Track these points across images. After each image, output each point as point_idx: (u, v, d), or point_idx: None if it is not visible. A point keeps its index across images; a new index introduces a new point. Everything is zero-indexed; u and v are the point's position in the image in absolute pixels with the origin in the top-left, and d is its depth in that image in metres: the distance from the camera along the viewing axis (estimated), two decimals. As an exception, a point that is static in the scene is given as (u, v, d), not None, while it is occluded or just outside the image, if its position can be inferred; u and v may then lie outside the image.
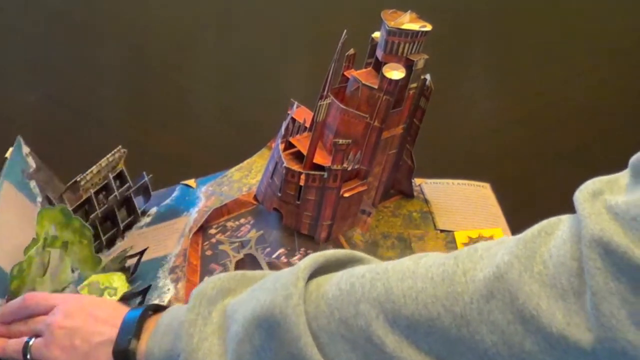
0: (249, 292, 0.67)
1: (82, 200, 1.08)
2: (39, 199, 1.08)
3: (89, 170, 1.08)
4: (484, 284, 0.56)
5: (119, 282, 0.96)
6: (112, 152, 1.11)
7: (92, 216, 1.06)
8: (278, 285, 0.63)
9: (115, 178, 1.09)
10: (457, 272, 0.58)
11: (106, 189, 1.09)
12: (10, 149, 1.08)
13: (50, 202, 1.06)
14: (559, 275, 0.54)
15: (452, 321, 0.57)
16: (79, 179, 1.06)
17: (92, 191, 1.07)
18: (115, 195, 1.09)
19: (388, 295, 0.60)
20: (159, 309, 0.78)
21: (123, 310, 0.78)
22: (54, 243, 0.97)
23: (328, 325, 0.62)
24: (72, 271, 0.98)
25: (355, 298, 0.61)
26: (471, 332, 0.56)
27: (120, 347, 0.72)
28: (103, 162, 1.09)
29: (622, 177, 0.58)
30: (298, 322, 0.61)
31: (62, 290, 0.95)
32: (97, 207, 1.07)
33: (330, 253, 0.67)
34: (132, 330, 0.73)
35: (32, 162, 1.10)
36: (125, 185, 1.10)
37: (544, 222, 0.60)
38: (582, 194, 0.56)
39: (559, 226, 0.58)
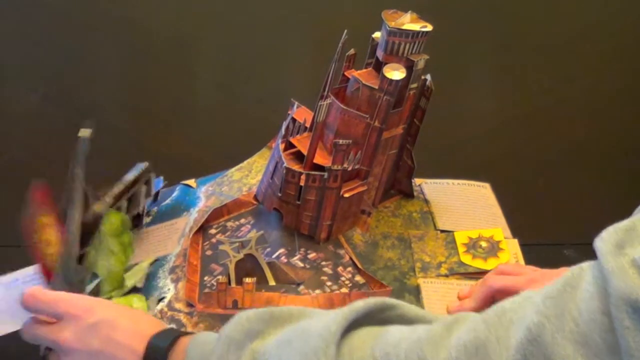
0: (278, 342, 0.65)
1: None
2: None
3: (115, 188, 1.07)
4: (517, 349, 0.55)
5: (138, 304, 0.95)
6: (137, 168, 1.10)
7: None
8: (308, 350, 0.62)
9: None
10: (490, 339, 0.57)
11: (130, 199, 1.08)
12: (86, 131, 1.05)
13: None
14: (591, 333, 0.53)
15: None
16: (104, 196, 1.04)
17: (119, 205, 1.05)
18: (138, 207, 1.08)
19: None
20: (179, 334, 0.74)
21: (145, 328, 0.74)
22: (101, 245, 0.96)
23: None
24: (91, 281, 0.98)
25: None
26: None
27: None
28: (129, 177, 1.09)
29: (639, 223, 0.57)
30: None
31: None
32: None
33: (362, 306, 0.65)
34: None
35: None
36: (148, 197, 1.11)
37: (567, 275, 0.58)
38: (605, 245, 0.55)
39: (583, 278, 0.56)
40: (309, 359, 0.61)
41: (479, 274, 1.00)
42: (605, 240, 0.55)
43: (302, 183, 0.98)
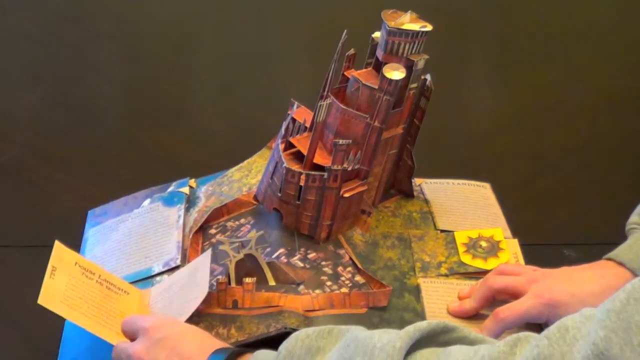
0: (339, 358, 0.65)
1: None
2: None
3: None
4: None
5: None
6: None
7: None
8: None
9: None
10: (555, 355, 0.56)
11: None
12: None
13: None
14: None
15: None
16: None
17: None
18: None
19: None
20: (242, 351, 0.77)
21: (209, 345, 0.78)
22: None
23: None
24: None
25: None
26: None
27: None
28: None
29: None
30: None
31: None
32: None
33: (425, 325, 0.65)
34: None
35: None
36: None
37: (628, 287, 0.56)
38: None
39: None
40: None
41: (479, 273, 1.00)
42: None
43: (302, 183, 0.98)
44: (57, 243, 0.92)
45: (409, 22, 0.96)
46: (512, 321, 0.88)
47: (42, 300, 0.86)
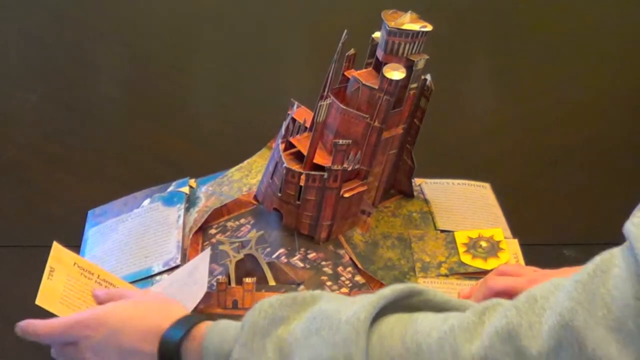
0: (305, 331, 0.64)
1: None
2: None
3: None
4: (549, 335, 0.55)
5: None
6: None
7: None
8: (338, 340, 0.61)
9: None
10: (522, 324, 0.57)
11: None
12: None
13: None
14: (625, 318, 0.52)
15: None
16: None
17: None
18: None
19: (456, 357, 0.58)
20: (196, 321, 0.73)
21: (154, 325, 0.74)
22: None
23: None
24: None
25: None
26: None
27: None
28: None
29: None
30: None
31: None
32: None
33: (389, 292, 0.64)
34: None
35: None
36: None
37: (597, 260, 0.57)
38: (637, 229, 0.54)
39: (613, 262, 0.56)
40: (339, 349, 0.61)
41: (479, 273, 1.00)
42: (636, 224, 0.55)
43: (302, 183, 0.98)
44: (55, 244, 0.92)
45: (409, 22, 0.96)
46: None
47: (40, 301, 0.86)
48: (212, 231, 1.06)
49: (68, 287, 0.90)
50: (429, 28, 0.96)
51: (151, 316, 0.76)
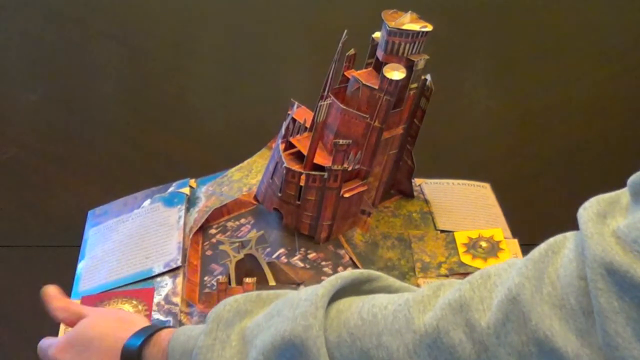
0: (267, 316, 0.67)
1: None
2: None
3: None
4: (498, 308, 0.57)
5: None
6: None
7: None
8: (297, 314, 0.63)
9: None
10: (474, 298, 0.59)
11: None
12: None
13: None
14: (567, 296, 0.55)
15: (472, 347, 0.58)
16: None
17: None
18: None
19: (409, 326, 0.61)
20: (156, 329, 0.76)
21: (116, 339, 0.75)
22: None
23: (350, 355, 0.63)
24: None
25: (378, 329, 0.62)
26: (489, 357, 0.57)
27: None
28: None
29: (623, 196, 0.58)
30: (319, 354, 0.62)
31: None
32: None
33: (347, 274, 0.67)
34: None
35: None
36: None
37: (551, 241, 0.60)
38: (587, 212, 0.57)
39: (565, 244, 0.58)
40: (298, 322, 0.63)
41: (479, 274, 1.00)
42: (587, 209, 0.58)
43: (302, 183, 0.98)
44: None
45: (409, 22, 0.96)
46: None
47: None
48: (212, 231, 1.06)
49: None
50: (429, 28, 0.96)
51: (112, 333, 0.77)
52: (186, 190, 1.14)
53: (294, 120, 1.04)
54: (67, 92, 2.01)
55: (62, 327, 0.93)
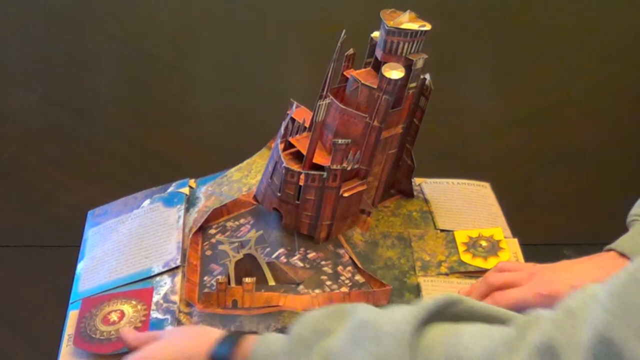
0: (349, 342, 0.65)
1: None
2: None
3: None
4: (587, 350, 0.55)
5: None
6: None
7: None
8: (382, 352, 0.62)
9: None
10: (560, 341, 0.57)
11: None
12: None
13: None
14: None
15: None
16: None
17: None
18: None
19: None
20: (237, 336, 0.76)
21: (200, 350, 0.76)
22: None
23: None
24: None
25: None
26: None
27: None
28: None
29: None
30: None
31: None
32: None
33: (431, 303, 0.65)
34: None
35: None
36: None
37: (630, 268, 0.56)
38: None
39: None
40: None
41: (479, 272, 1.00)
42: None
43: (301, 183, 0.98)
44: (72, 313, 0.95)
45: (408, 22, 0.96)
46: (504, 306, 0.88)
47: None
48: (212, 231, 1.06)
49: None
50: (428, 27, 0.96)
51: (190, 346, 0.78)
52: (186, 190, 1.14)
53: (293, 120, 1.04)
54: (67, 92, 2.01)
55: (65, 326, 0.93)
